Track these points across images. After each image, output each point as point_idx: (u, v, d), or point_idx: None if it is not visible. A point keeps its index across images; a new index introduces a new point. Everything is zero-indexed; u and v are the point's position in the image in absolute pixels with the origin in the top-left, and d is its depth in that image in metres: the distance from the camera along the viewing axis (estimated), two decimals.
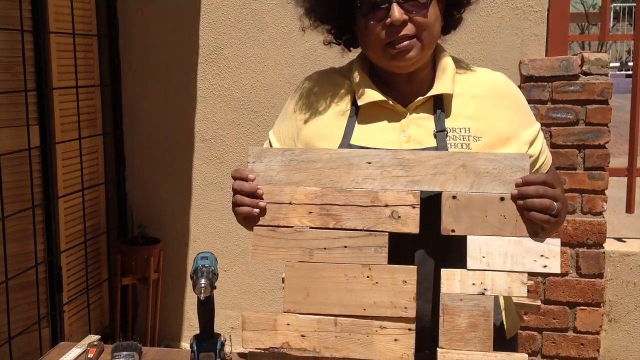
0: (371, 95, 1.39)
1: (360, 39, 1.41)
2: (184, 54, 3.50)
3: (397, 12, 1.31)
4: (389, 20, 1.32)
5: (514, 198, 1.26)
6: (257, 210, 1.32)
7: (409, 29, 1.33)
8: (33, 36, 2.94)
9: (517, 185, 1.26)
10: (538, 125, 1.47)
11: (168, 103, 3.55)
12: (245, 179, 1.35)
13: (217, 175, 3.55)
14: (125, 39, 3.55)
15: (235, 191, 1.35)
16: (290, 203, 1.34)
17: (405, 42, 1.34)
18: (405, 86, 1.41)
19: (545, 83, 3.02)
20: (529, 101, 2.99)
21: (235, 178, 1.37)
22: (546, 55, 3.17)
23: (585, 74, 3.00)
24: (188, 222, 3.60)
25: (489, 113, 1.38)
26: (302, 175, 1.34)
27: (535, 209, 1.24)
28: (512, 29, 3.19)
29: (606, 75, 3.01)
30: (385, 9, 1.32)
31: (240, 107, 3.48)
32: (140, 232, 3.53)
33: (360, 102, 1.40)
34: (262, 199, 1.33)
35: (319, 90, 1.47)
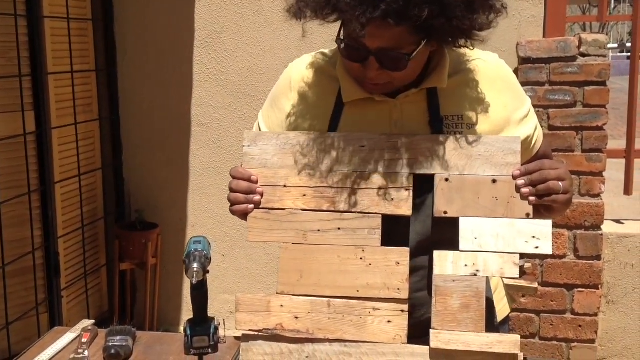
0: (356, 92, 1.35)
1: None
2: (180, 38, 3.48)
3: (373, 70, 1.26)
4: (364, 69, 1.27)
5: (518, 188, 1.26)
6: (251, 206, 1.33)
7: (383, 78, 1.28)
8: (27, 21, 2.93)
9: (515, 177, 1.26)
10: (529, 101, 1.45)
11: (164, 87, 3.54)
12: (247, 179, 1.33)
13: (214, 160, 3.54)
14: (121, 23, 3.53)
15: (232, 190, 1.34)
16: (284, 186, 1.34)
17: (378, 86, 1.31)
18: None
19: (543, 65, 3.01)
20: (527, 83, 3.01)
21: (233, 177, 1.35)
22: (544, 36, 3.15)
23: (583, 55, 2.99)
24: (186, 207, 3.60)
25: (482, 99, 1.36)
26: (297, 159, 1.34)
27: (542, 194, 1.24)
28: (509, 10, 3.15)
29: (604, 56, 3.00)
30: (363, 55, 1.24)
31: (237, 91, 3.47)
32: (138, 217, 3.53)
33: (345, 99, 1.37)
34: (257, 193, 1.33)
35: (307, 79, 1.43)
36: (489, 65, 1.40)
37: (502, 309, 1.49)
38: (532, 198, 1.25)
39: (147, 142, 3.60)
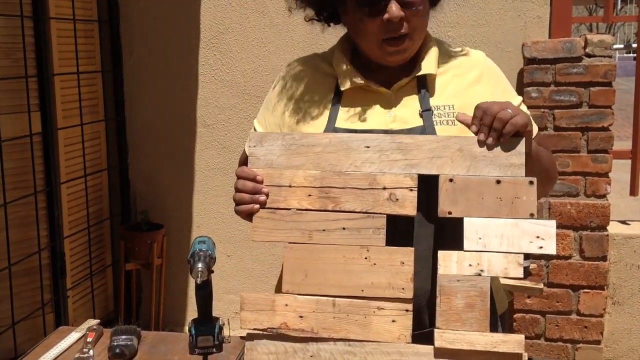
0: (353, 79, 1.40)
1: (353, 30, 1.42)
2: (186, 39, 3.49)
3: (395, 8, 1.32)
4: (386, 16, 1.33)
5: (482, 143, 1.26)
6: (257, 206, 1.33)
7: (405, 28, 1.35)
8: (33, 22, 2.94)
9: (478, 138, 1.26)
10: (519, 98, 1.49)
11: (170, 88, 3.55)
12: (253, 179, 1.34)
13: (219, 161, 3.55)
14: (126, 24, 3.54)
15: (238, 190, 1.36)
16: (290, 186, 1.34)
17: (402, 41, 1.36)
18: (388, 68, 1.43)
19: (549, 65, 3.00)
20: (532, 84, 3.01)
21: (239, 177, 1.36)
22: (549, 37, 3.15)
23: (589, 55, 2.98)
24: (191, 208, 3.61)
25: (470, 90, 1.41)
26: (302, 159, 1.35)
27: (500, 129, 1.24)
28: (515, 10, 3.17)
29: (610, 57, 2.99)
30: (382, 5, 1.32)
31: (242, 92, 3.48)
32: (143, 218, 3.54)
33: (342, 87, 1.41)
34: (263, 193, 1.34)
35: (301, 76, 1.48)
36: (477, 61, 1.46)
37: (500, 305, 1.51)
38: (501, 140, 1.25)
39: (152, 143, 3.61)
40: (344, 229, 1.31)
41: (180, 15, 3.47)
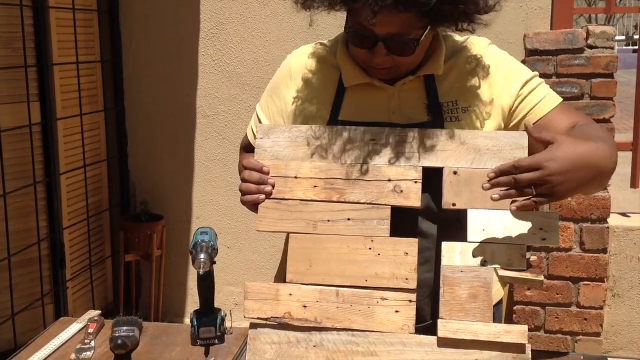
0: (356, 77, 1.39)
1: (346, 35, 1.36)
2: (185, 29, 3.47)
3: (381, 56, 1.28)
4: (371, 55, 1.29)
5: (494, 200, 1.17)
6: (263, 196, 1.34)
7: (389, 62, 1.30)
8: (32, 11, 2.92)
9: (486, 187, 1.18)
10: (530, 73, 1.41)
11: (169, 79, 3.53)
12: (259, 170, 1.35)
13: (219, 152, 3.54)
14: (126, 13, 3.52)
15: (244, 180, 1.36)
16: (295, 177, 1.36)
17: (389, 71, 1.33)
18: None
19: (550, 57, 2.99)
20: None
21: (246, 167, 1.37)
22: (551, 28, 3.14)
23: (591, 47, 2.97)
24: (191, 199, 3.60)
25: (472, 82, 1.39)
26: (308, 151, 1.37)
27: (514, 196, 1.17)
28: (516, 1, 3.15)
29: (611, 48, 2.98)
30: (371, 41, 1.27)
31: (242, 82, 3.46)
32: (143, 209, 3.53)
33: (346, 84, 1.40)
34: (269, 183, 1.34)
35: (306, 66, 1.47)
36: (479, 52, 1.42)
37: (494, 295, 1.50)
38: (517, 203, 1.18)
39: (152, 134, 3.60)
40: (348, 219, 1.32)
41: (180, 5, 3.46)
